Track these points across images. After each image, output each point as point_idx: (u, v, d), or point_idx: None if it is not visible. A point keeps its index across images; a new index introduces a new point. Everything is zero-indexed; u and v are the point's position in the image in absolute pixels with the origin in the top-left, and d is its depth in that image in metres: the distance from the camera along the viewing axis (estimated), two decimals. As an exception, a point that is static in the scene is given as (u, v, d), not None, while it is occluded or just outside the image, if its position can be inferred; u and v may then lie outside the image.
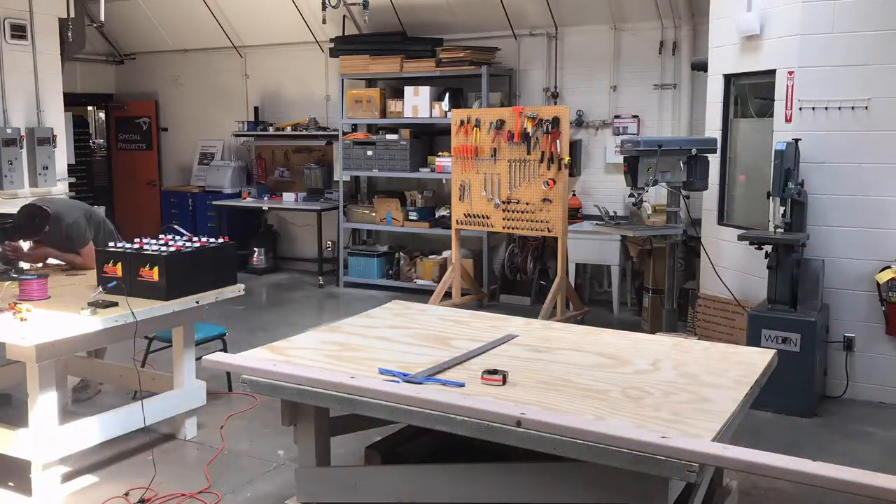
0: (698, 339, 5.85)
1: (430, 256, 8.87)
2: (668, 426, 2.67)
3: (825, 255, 5.52)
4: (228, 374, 5.39)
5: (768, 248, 5.46)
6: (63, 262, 5.20)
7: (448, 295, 7.70)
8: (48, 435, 3.99)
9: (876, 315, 5.45)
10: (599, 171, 8.28)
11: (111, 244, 4.83)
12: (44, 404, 3.97)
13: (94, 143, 12.26)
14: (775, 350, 3.70)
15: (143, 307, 4.21)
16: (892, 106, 5.28)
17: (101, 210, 5.95)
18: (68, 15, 7.92)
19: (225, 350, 5.43)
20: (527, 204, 7.00)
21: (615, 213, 7.49)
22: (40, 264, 5.19)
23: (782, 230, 5.42)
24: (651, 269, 7.15)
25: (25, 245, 5.01)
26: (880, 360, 5.49)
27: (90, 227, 5.23)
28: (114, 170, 11.64)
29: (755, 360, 3.46)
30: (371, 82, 9.22)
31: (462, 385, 3.13)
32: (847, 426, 5.15)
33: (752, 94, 6.27)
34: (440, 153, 8.59)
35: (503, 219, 7.20)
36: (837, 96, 5.40)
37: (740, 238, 5.62)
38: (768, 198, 5.41)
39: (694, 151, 5.88)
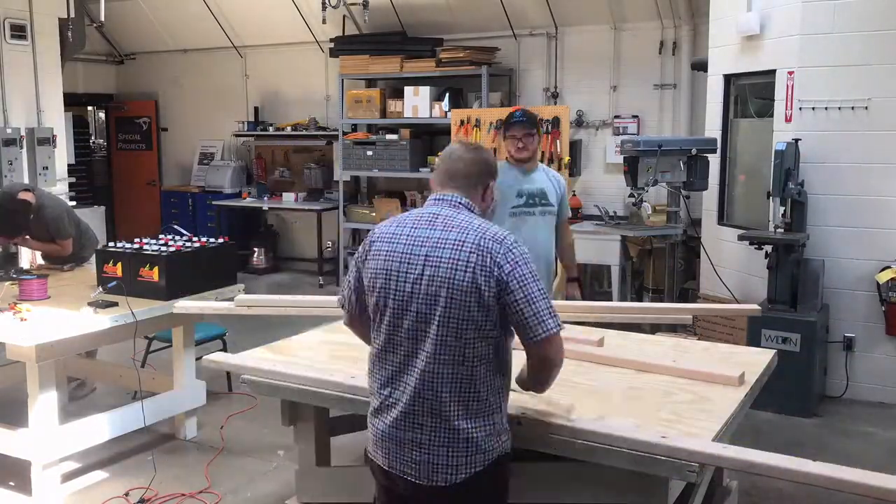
0: (698, 339, 5.85)
1: (430, 256, 8.84)
2: (668, 426, 2.67)
3: (825, 255, 5.52)
4: (228, 374, 5.38)
5: (768, 248, 5.45)
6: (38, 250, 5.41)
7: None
8: (48, 435, 3.99)
9: (876, 315, 5.45)
10: (599, 171, 8.27)
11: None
12: (44, 404, 3.97)
13: (94, 143, 12.25)
14: (775, 350, 3.69)
15: (143, 307, 4.21)
16: (892, 106, 5.28)
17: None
18: (68, 15, 7.91)
19: (225, 350, 5.42)
20: (527, 204, 6.98)
21: (615, 213, 7.49)
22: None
23: (782, 230, 5.42)
24: (651, 269, 7.16)
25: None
26: (880, 360, 5.49)
27: (71, 224, 5.35)
28: (114, 170, 11.64)
29: (755, 360, 3.45)
30: (371, 82, 9.21)
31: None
32: (847, 426, 5.15)
33: (752, 94, 6.27)
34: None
35: (503, 219, 7.17)
36: (837, 96, 5.40)
37: (740, 238, 5.62)
38: (768, 198, 5.41)
39: (694, 151, 5.89)
